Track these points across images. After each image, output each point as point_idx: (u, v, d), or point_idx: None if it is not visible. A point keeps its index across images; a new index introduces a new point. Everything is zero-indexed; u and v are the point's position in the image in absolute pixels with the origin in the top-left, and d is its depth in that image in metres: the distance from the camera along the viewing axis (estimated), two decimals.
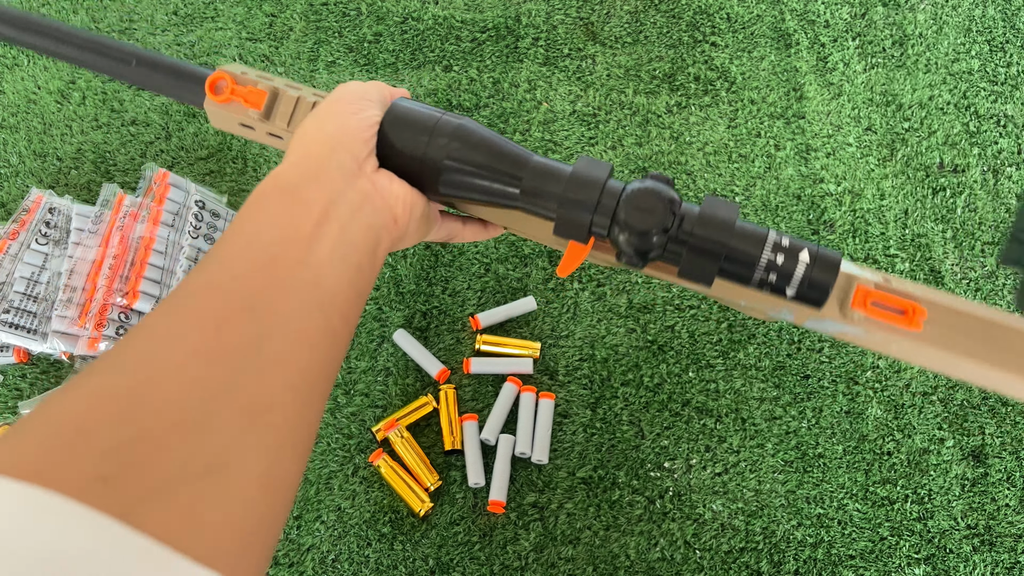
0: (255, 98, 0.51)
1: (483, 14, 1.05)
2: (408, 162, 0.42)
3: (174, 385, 0.27)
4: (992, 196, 0.95)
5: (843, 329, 0.46)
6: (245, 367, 0.29)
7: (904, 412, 0.80)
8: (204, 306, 0.30)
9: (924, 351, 0.44)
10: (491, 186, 0.43)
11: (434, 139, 0.42)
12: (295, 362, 0.30)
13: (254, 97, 0.51)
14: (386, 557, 0.70)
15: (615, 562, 0.71)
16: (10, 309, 0.74)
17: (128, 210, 0.80)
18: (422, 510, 0.71)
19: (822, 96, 1.02)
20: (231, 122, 0.53)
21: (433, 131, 0.42)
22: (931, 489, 0.76)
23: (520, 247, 0.87)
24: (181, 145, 0.91)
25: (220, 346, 0.29)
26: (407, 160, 0.42)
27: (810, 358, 0.83)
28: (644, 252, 0.42)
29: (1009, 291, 0.88)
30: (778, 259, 0.40)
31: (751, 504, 0.74)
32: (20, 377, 0.75)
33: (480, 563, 0.70)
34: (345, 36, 1.01)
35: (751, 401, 0.80)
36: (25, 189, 0.86)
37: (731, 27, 1.07)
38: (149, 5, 1.01)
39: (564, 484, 0.74)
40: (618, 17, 1.07)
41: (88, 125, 0.91)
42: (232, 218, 0.84)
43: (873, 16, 1.09)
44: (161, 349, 0.28)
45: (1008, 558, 0.73)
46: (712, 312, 0.85)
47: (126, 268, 0.76)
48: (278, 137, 0.52)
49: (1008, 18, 1.10)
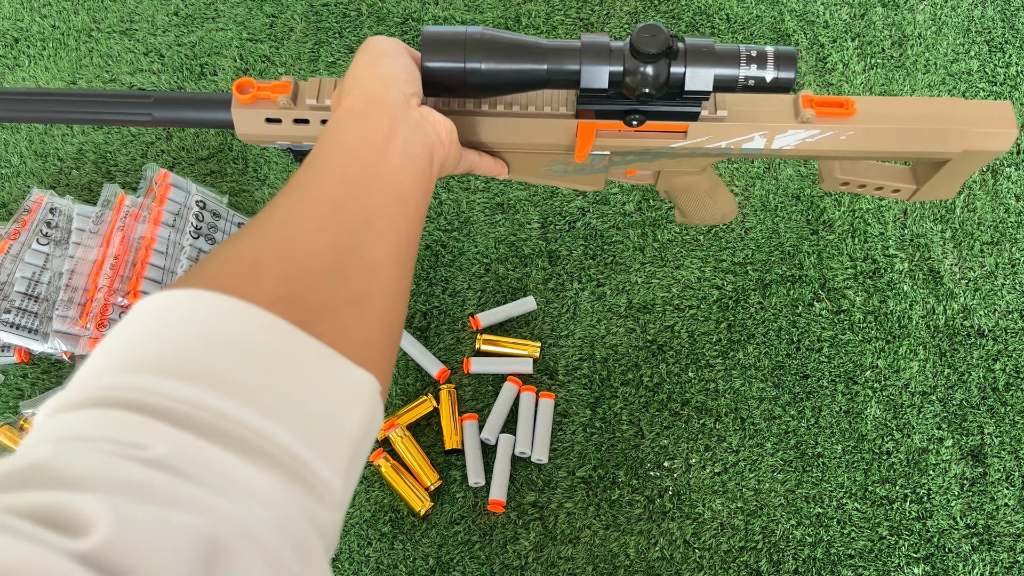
0: (280, 89, 0.58)
1: (483, 15, 1.05)
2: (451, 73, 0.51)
3: (314, 243, 0.36)
4: (991, 196, 0.95)
5: (804, 134, 0.60)
6: (360, 237, 0.37)
7: (903, 411, 0.80)
8: (319, 192, 0.39)
9: (863, 130, 0.60)
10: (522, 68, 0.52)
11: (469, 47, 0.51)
12: (390, 238, 0.39)
13: (279, 89, 0.58)
14: (386, 556, 0.70)
15: (615, 561, 0.71)
16: (11, 309, 0.74)
17: (129, 210, 0.80)
18: (422, 509, 0.71)
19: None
20: (257, 121, 0.58)
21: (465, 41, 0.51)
22: (930, 488, 0.76)
23: (520, 247, 0.88)
24: (182, 146, 0.91)
25: (339, 221, 0.37)
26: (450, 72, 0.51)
27: (809, 358, 0.83)
28: (658, 81, 0.52)
29: (1008, 291, 0.88)
30: (753, 56, 0.53)
31: (750, 503, 0.75)
32: (21, 377, 0.76)
33: (480, 562, 0.71)
34: (345, 37, 1.01)
35: (750, 401, 0.80)
36: (26, 189, 0.86)
37: (731, 27, 1.07)
38: (150, 6, 1.01)
39: (564, 483, 0.75)
40: (617, 18, 1.07)
41: (89, 125, 0.91)
42: (232, 218, 0.84)
43: (872, 17, 1.09)
44: (297, 219, 0.37)
45: (1007, 557, 0.73)
46: (712, 312, 0.85)
47: (127, 268, 0.76)
48: (304, 122, 0.58)
49: (1007, 18, 1.10)
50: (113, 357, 0.29)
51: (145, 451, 0.25)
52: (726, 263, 0.88)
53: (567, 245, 0.88)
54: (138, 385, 0.28)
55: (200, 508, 0.25)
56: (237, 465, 0.27)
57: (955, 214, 0.93)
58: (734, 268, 0.88)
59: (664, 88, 0.54)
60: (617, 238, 0.89)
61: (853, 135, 0.61)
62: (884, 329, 0.85)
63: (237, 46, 0.99)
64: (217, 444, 0.27)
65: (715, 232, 0.90)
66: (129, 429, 0.26)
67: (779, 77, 0.53)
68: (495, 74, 0.52)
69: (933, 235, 0.91)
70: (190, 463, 0.26)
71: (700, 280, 0.87)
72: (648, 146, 0.63)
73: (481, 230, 0.89)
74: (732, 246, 0.89)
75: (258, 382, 0.29)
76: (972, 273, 0.89)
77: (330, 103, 0.56)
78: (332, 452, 0.30)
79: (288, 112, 0.59)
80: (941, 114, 0.62)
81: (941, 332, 0.85)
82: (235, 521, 0.25)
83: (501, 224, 0.89)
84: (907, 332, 0.85)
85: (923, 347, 0.84)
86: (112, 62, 0.97)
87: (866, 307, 0.86)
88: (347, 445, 0.31)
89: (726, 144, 0.62)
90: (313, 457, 0.29)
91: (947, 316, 0.86)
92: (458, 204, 0.89)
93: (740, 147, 0.62)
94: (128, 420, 0.27)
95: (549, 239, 0.88)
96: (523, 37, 0.53)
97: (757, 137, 0.61)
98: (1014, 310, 0.87)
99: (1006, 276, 0.89)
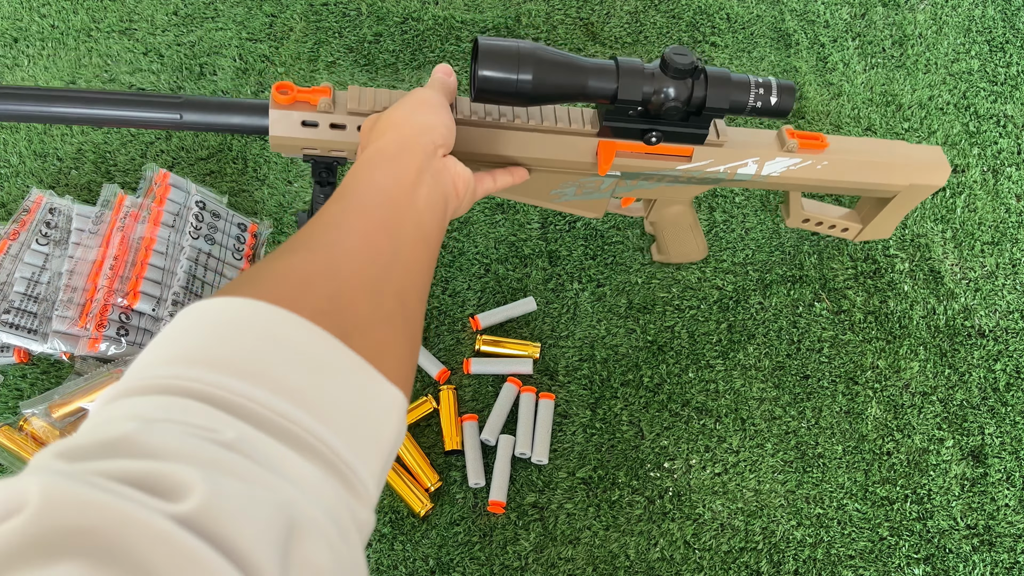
0: (321, 93, 0.61)
1: (483, 14, 1.05)
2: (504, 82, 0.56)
3: (353, 264, 0.39)
4: (992, 196, 0.95)
5: (789, 162, 0.70)
6: (392, 266, 0.41)
7: (904, 412, 0.80)
8: (357, 223, 0.42)
9: (834, 161, 0.71)
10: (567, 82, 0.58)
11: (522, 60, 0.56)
12: (414, 268, 0.43)
13: (320, 92, 0.61)
14: (386, 557, 0.70)
15: (615, 562, 0.71)
16: (11, 309, 0.74)
17: (129, 210, 0.80)
18: (422, 510, 0.71)
19: (822, 96, 1.02)
20: (293, 123, 0.60)
21: (519, 55, 0.56)
22: (931, 489, 0.76)
23: (520, 247, 0.87)
24: (181, 145, 0.91)
25: (373, 250, 0.41)
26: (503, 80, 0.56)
27: (810, 358, 0.83)
28: (686, 98, 0.61)
29: (1009, 291, 0.88)
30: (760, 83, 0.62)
31: (751, 504, 0.74)
32: (21, 377, 0.75)
33: (480, 563, 0.71)
34: (345, 36, 1.01)
35: (751, 401, 0.80)
36: (25, 189, 0.86)
37: (731, 27, 1.07)
38: (149, 5, 1.01)
39: (564, 484, 0.74)
40: (618, 17, 1.07)
41: (88, 125, 0.91)
42: (232, 218, 0.84)
43: (873, 16, 1.09)
44: (338, 243, 0.40)
45: (1008, 558, 0.73)
46: (712, 312, 0.85)
47: (127, 268, 0.76)
48: (341, 127, 0.61)
49: (1008, 18, 1.10)
50: (170, 353, 0.31)
51: (217, 434, 0.27)
52: (726, 263, 0.88)
53: (567, 245, 0.88)
54: (201, 378, 0.29)
55: (274, 488, 0.27)
56: (292, 457, 0.29)
57: (956, 214, 0.93)
58: (734, 268, 0.88)
59: (687, 104, 0.62)
60: (617, 238, 0.89)
61: (828, 164, 0.71)
62: (885, 329, 0.85)
63: (236, 46, 0.98)
64: (273, 437, 0.29)
65: (715, 232, 0.90)
66: (198, 414, 0.28)
67: (780, 103, 0.63)
68: (543, 84, 0.57)
69: (934, 235, 0.91)
70: (254, 450, 0.28)
71: (700, 280, 0.87)
72: (657, 167, 0.69)
73: (481, 230, 0.88)
74: (732, 246, 0.89)
75: (310, 388, 0.31)
76: (973, 273, 0.89)
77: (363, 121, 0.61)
78: (369, 458, 0.33)
79: (326, 116, 0.60)
80: (891, 151, 0.74)
81: (942, 332, 0.85)
82: (301, 503, 0.27)
83: (501, 224, 0.89)
84: (908, 332, 0.85)
85: (924, 347, 0.84)
86: (111, 62, 0.97)
87: (866, 307, 0.86)
88: (380, 453, 0.34)
89: (723, 168, 0.70)
90: (354, 459, 0.32)
91: (948, 316, 0.86)
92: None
93: (735, 172, 0.70)
94: (196, 408, 0.28)
95: (549, 239, 0.88)
96: (567, 55, 0.59)
97: (750, 163, 0.70)
98: (1015, 310, 0.87)
99: (1007, 276, 0.89)
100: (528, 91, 0.57)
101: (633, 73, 0.60)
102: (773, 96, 0.62)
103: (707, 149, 0.68)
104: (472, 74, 0.58)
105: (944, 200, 0.94)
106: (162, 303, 0.75)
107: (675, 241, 0.82)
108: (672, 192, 0.74)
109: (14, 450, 0.69)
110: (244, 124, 0.61)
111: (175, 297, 0.75)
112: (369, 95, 0.62)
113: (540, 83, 0.57)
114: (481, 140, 0.64)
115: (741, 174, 0.70)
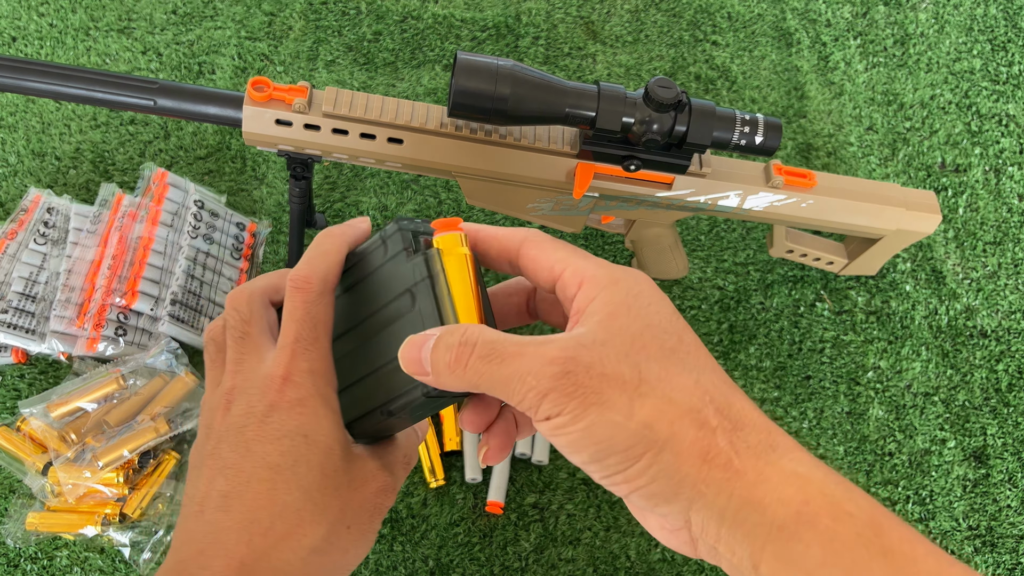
0: (297, 92, 0.59)
1: (483, 13, 1.04)
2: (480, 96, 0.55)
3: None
4: (994, 196, 0.94)
5: (772, 198, 0.68)
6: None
7: (906, 413, 0.80)
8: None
9: (821, 201, 0.69)
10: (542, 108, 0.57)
11: (499, 80, 0.55)
12: None
13: (296, 92, 0.59)
14: (385, 558, 0.70)
15: (615, 563, 0.71)
16: (8, 309, 0.74)
17: (127, 210, 0.79)
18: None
19: (823, 95, 1.02)
20: (267, 121, 0.59)
21: (497, 73, 0.55)
22: (933, 490, 0.76)
23: None
24: (180, 144, 0.90)
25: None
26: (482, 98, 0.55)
27: (811, 359, 0.82)
28: (663, 130, 0.58)
29: (1011, 291, 0.88)
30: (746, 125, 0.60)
31: None
32: (18, 377, 0.75)
33: (480, 564, 0.70)
34: (344, 35, 1.01)
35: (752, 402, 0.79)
36: (23, 188, 0.86)
37: (732, 26, 1.06)
38: (148, 4, 1.01)
39: (564, 485, 0.74)
40: (618, 16, 1.06)
41: (87, 124, 0.91)
42: (231, 218, 0.83)
43: (875, 15, 1.09)
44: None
45: (1010, 559, 0.73)
46: (713, 313, 0.85)
47: (125, 268, 0.76)
48: (315, 128, 0.59)
49: (1010, 17, 1.09)
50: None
51: None
52: (727, 263, 0.88)
53: None
54: None
55: None
56: None
57: (958, 214, 0.93)
58: (735, 268, 0.88)
59: (668, 137, 0.59)
60: (617, 237, 0.88)
61: (813, 204, 0.69)
62: (886, 330, 0.85)
63: (235, 44, 0.98)
64: None
65: (716, 232, 0.90)
66: None
67: (766, 142, 0.60)
68: (520, 104, 0.56)
69: (935, 235, 0.91)
70: None
71: (701, 280, 0.87)
72: (636, 192, 0.67)
73: None
74: (733, 246, 0.89)
75: None
76: (975, 273, 0.89)
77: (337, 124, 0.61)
78: None
79: (301, 116, 0.58)
80: (882, 194, 0.72)
81: (944, 333, 0.85)
82: None
83: (501, 224, 0.88)
84: (909, 333, 0.84)
85: (926, 348, 0.84)
86: (110, 61, 0.97)
87: (868, 307, 0.86)
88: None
89: (704, 199, 0.68)
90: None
91: (950, 316, 0.86)
92: (458, 204, 0.89)
93: (716, 204, 0.68)
94: None
95: None
96: (547, 76, 0.58)
97: (732, 196, 0.68)
98: (1017, 310, 0.87)
99: (1009, 276, 0.89)
100: (504, 109, 0.56)
101: (614, 100, 0.58)
102: (759, 135, 0.60)
103: (689, 179, 0.66)
104: (450, 88, 0.57)
105: (946, 200, 0.94)
106: (160, 303, 0.75)
107: (654, 260, 0.80)
108: (652, 215, 0.72)
109: (12, 450, 0.69)
110: (218, 115, 0.60)
111: (173, 296, 0.75)
112: (345, 98, 0.60)
113: (518, 102, 0.56)
114: (454, 152, 0.63)
115: (722, 206, 0.69)
